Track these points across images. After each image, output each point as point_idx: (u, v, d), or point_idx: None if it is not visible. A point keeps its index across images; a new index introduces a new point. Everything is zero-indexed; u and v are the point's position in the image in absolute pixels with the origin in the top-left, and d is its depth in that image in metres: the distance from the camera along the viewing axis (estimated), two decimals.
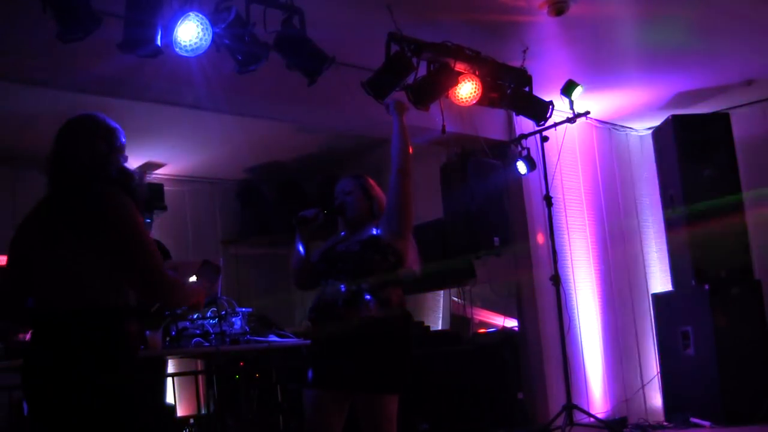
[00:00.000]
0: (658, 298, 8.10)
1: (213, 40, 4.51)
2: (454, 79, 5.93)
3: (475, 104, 6.22)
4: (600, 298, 7.95)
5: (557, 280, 6.99)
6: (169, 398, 6.70)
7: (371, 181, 4.27)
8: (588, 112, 7.04)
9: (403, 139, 4.12)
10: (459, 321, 8.07)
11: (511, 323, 7.66)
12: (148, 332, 5.25)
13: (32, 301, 2.98)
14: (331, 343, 3.80)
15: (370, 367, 3.69)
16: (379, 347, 3.72)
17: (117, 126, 3.19)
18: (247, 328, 5.64)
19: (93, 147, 3.05)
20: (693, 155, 7.52)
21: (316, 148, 8.45)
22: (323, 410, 3.82)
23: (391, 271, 3.86)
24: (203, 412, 6.45)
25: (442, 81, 5.87)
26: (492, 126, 7.42)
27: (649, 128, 8.47)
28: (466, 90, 6.05)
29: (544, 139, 7.11)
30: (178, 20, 4.39)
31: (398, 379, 3.77)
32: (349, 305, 3.76)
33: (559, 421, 6.67)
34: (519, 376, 7.38)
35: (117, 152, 3.14)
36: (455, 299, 8.17)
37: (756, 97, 8.03)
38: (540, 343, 7.34)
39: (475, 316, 7.98)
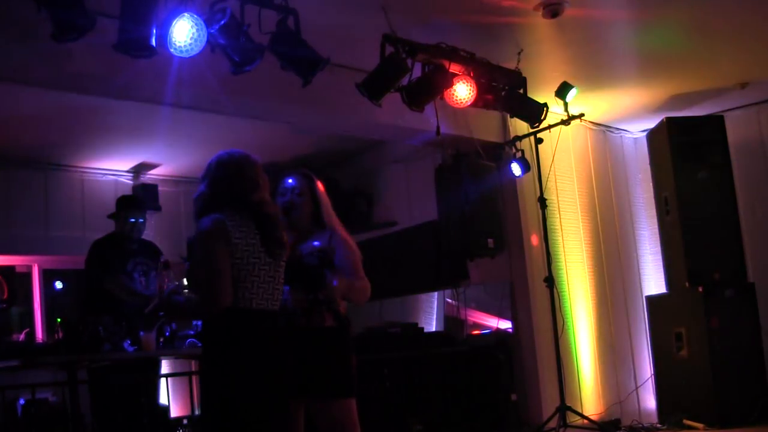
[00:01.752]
0: (651, 299, 8.11)
1: (208, 41, 4.52)
2: (448, 80, 5.94)
3: (469, 106, 6.23)
4: (594, 299, 7.95)
5: (551, 282, 7.00)
6: (163, 399, 6.70)
7: (319, 183, 4.18)
8: (582, 114, 7.04)
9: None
10: (453, 322, 8.07)
11: (505, 325, 7.66)
12: (142, 333, 5.26)
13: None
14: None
15: (327, 373, 3.80)
16: (334, 354, 3.84)
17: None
18: None
19: (256, 186, 3.56)
20: (687, 157, 7.53)
21: (312, 148, 8.46)
22: None
23: None
24: (197, 413, 6.44)
25: (436, 82, 5.88)
26: (486, 128, 7.42)
27: (644, 130, 8.48)
28: (461, 92, 6.06)
29: (539, 141, 7.12)
30: (173, 21, 4.39)
31: (352, 383, 3.90)
32: (310, 315, 3.83)
33: (553, 423, 6.68)
34: (512, 378, 7.37)
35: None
36: (449, 301, 8.18)
37: (750, 99, 8.04)
38: (534, 345, 7.34)
39: (468, 318, 7.98)
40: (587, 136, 8.36)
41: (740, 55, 6.83)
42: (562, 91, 6.68)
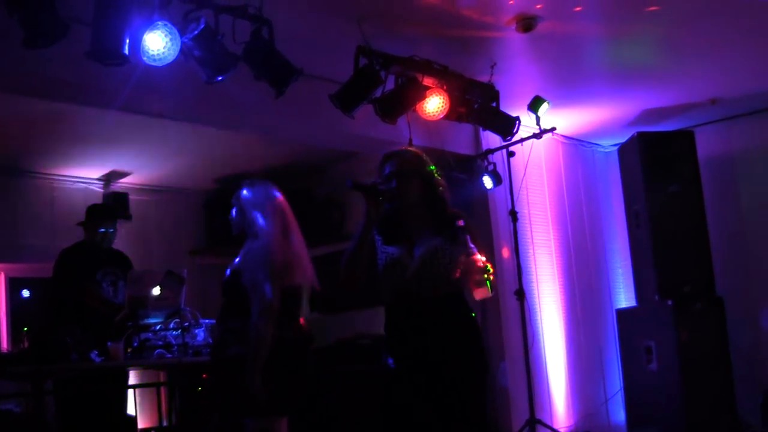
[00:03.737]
0: (621, 313, 8.14)
1: (181, 50, 4.50)
2: (421, 93, 5.94)
3: (442, 119, 6.24)
4: (564, 312, 7.98)
5: (521, 295, 7.00)
6: (130, 409, 6.64)
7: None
8: (554, 128, 7.07)
9: None
10: None
11: None
12: (109, 342, 5.22)
13: None
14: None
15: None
16: None
17: None
18: (210, 339, 5.60)
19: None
20: (658, 172, 7.58)
21: (284, 158, 8.43)
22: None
23: None
24: (165, 423, 6.40)
25: (409, 95, 5.88)
26: (459, 140, 7.43)
27: (615, 145, 8.54)
28: (434, 104, 6.07)
29: (510, 154, 7.13)
30: (146, 29, 4.37)
31: None
32: None
33: None
34: None
35: None
36: None
37: (719, 115, 8.13)
38: (504, 357, 7.35)
39: None
40: (559, 150, 8.41)
41: (711, 71, 6.90)
42: (534, 105, 6.70)
